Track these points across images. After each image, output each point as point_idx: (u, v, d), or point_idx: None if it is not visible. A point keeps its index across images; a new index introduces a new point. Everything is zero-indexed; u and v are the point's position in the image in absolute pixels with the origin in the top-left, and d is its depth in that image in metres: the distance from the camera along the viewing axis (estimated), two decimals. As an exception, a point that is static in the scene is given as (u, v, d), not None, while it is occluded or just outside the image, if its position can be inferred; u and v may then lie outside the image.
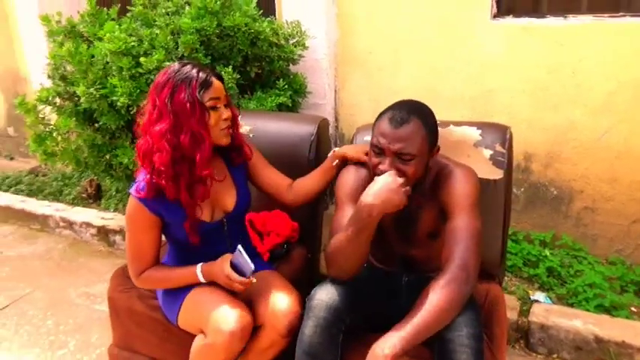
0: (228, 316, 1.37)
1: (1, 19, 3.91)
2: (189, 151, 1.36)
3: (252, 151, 1.64)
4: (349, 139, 2.88)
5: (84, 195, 3.43)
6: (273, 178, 1.69)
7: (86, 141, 2.39)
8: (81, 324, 2.23)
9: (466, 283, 1.24)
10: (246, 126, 2.00)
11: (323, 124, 2.00)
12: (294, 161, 1.91)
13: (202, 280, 1.48)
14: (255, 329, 1.44)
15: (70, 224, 3.03)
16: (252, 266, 1.40)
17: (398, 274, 1.55)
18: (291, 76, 2.54)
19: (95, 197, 3.42)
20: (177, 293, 1.54)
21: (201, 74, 1.38)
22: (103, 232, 2.90)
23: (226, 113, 1.44)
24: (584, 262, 2.30)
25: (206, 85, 1.37)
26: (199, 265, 1.48)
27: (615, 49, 2.20)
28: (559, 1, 2.35)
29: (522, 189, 2.51)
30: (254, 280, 1.43)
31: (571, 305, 2.06)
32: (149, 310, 1.70)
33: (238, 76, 2.22)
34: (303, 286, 1.60)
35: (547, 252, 2.35)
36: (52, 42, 2.44)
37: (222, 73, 2.17)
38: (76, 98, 2.41)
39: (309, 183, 1.67)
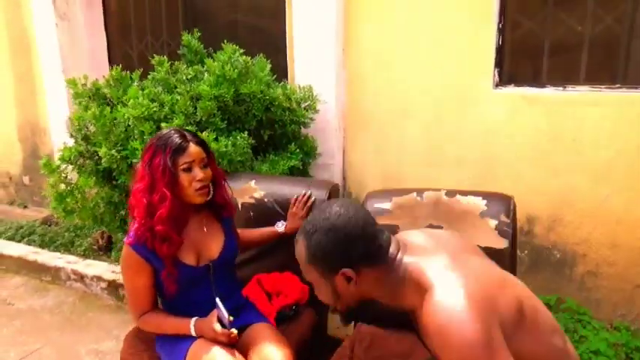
0: None
1: (26, 69, 4.09)
2: (157, 208, 1.54)
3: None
4: (355, 198, 2.98)
5: (95, 247, 3.50)
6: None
7: (104, 198, 2.48)
8: (90, 382, 2.26)
9: None
10: (260, 190, 2.10)
11: (334, 190, 2.09)
12: (305, 225, 1.99)
13: (193, 333, 1.60)
14: None
15: (81, 277, 3.08)
16: (229, 318, 1.53)
17: None
18: (302, 139, 2.65)
19: (106, 249, 3.48)
20: (179, 351, 1.61)
21: (177, 140, 1.57)
22: (113, 286, 2.95)
23: (200, 174, 1.58)
24: (588, 326, 2.32)
25: (180, 150, 1.56)
26: (193, 320, 1.61)
27: (612, 119, 2.31)
28: (558, 72, 2.49)
29: (526, 251, 2.57)
30: (235, 332, 1.55)
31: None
32: (162, 373, 1.74)
33: (253, 141, 2.33)
34: (311, 349, 1.66)
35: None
36: (78, 104, 2.57)
37: (238, 137, 2.29)
38: (97, 157, 2.52)
39: (253, 237, 1.96)
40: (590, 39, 2.39)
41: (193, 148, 1.59)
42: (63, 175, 2.44)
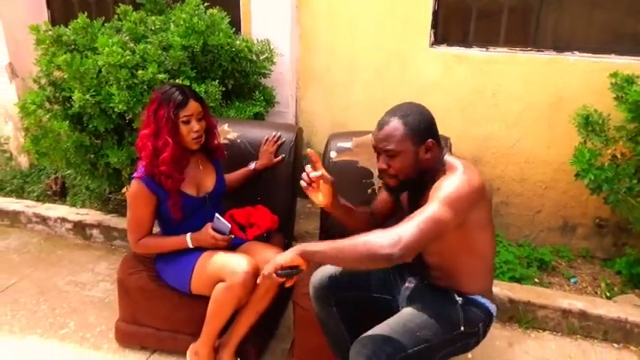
0: (240, 262, 1.82)
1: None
2: (161, 152, 1.83)
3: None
4: (308, 143, 3.31)
5: (48, 192, 3.56)
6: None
7: (75, 142, 2.61)
8: (75, 307, 2.46)
9: (390, 247, 1.27)
10: (234, 132, 2.36)
11: (300, 132, 2.41)
12: (276, 164, 2.31)
13: (191, 245, 1.93)
14: None
15: (43, 219, 3.18)
16: (229, 225, 1.88)
17: (402, 278, 1.73)
18: (262, 88, 2.91)
19: (60, 194, 3.56)
20: (185, 265, 1.93)
21: (180, 97, 1.85)
22: (80, 227, 3.10)
23: (197, 126, 1.89)
24: (500, 244, 2.87)
25: (182, 105, 1.84)
26: (189, 234, 1.93)
27: (524, 77, 2.79)
28: (482, 34, 2.91)
29: (453, 187, 3.06)
30: (232, 237, 1.92)
31: (491, 278, 2.62)
32: (160, 287, 2.02)
33: (223, 89, 2.56)
34: None
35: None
36: (42, 50, 2.62)
37: (210, 85, 2.51)
38: (66, 103, 2.63)
39: (232, 179, 2.24)
40: (509, 7, 2.82)
41: (192, 103, 1.88)
42: (38, 118, 2.53)
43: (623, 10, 2.68)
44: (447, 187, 1.40)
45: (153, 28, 2.62)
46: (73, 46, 2.67)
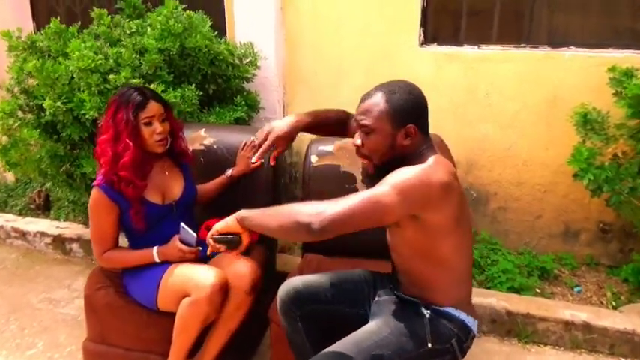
0: (206, 274, 1.68)
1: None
2: (121, 156, 1.71)
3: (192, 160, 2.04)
4: (296, 150, 3.18)
5: (32, 206, 3.46)
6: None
7: (48, 152, 2.50)
8: (46, 326, 2.34)
9: (311, 217, 1.22)
10: (210, 138, 2.24)
11: (279, 137, 2.28)
12: (254, 170, 2.17)
13: (157, 259, 1.79)
14: None
15: (22, 234, 3.07)
16: (195, 235, 1.73)
17: (375, 291, 1.60)
18: (246, 93, 2.79)
19: (44, 208, 3.46)
20: (151, 280, 1.79)
21: (138, 97, 1.73)
22: (59, 241, 2.98)
23: (160, 128, 1.76)
24: (499, 253, 2.72)
25: (141, 106, 1.74)
26: (155, 247, 1.80)
27: (519, 75, 2.65)
28: (474, 32, 2.79)
29: (448, 192, 2.91)
30: (200, 248, 1.77)
31: (488, 288, 2.46)
32: (128, 304, 1.88)
33: (201, 93, 2.44)
34: (263, 282, 1.87)
35: (469, 246, 2.75)
36: (14, 57, 2.53)
37: (186, 89, 2.39)
38: (38, 111, 2.52)
39: (208, 189, 2.12)
40: (501, 2, 2.70)
41: (153, 104, 1.76)
42: (6, 127, 2.42)
43: (621, 3, 2.55)
44: (401, 174, 1.29)
45: (128, 32, 2.51)
46: (47, 53, 2.57)
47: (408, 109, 1.37)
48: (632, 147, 2.18)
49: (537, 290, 2.49)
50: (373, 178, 1.45)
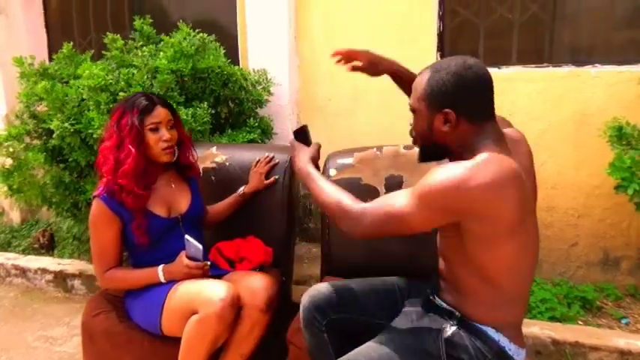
0: (217, 288, 1.49)
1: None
2: (122, 164, 1.57)
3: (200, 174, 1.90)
4: (311, 181, 3.05)
5: (36, 246, 3.31)
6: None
7: (53, 178, 2.40)
8: (40, 365, 2.13)
9: (349, 225, 1.23)
10: (222, 155, 2.12)
11: (295, 153, 2.15)
12: (269, 188, 2.03)
13: (162, 279, 1.61)
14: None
15: (23, 271, 2.91)
16: (201, 247, 1.55)
17: (407, 297, 1.46)
18: (259, 118, 2.71)
19: (48, 247, 3.31)
20: (155, 300, 1.61)
21: (144, 102, 1.61)
22: (60, 278, 2.81)
23: (167, 135, 1.63)
24: (533, 284, 2.49)
25: (147, 110, 1.61)
26: (161, 266, 1.62)
27: (543, 94, 2.55)
28: (493, 55, 2.72)
29: (473, 220, 2.73)
30: (208, 264, 1.61)
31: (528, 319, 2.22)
32: (128, 330, 1.69)
33: (213, 111, 2.35)
34: (278, 313, 1.68)
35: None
36: (26, 82, 2.48)
37: (197, 109, 2.31)
38: (45, 137, 2.45)
39: (220, 209, 1.97)
40: (520, 23, 2.65)
41: (160, 109, 1.64)
42: (10, 149, 2.33)
43: (644, 18, 2.48)
44: (433, 178, 1.13)
45: (141, 55, 2.47)
46: (58, 78, 2.52)
47: (445, 91, 1.18)
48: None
49: (580, 322, 2.24)
50: (420, 154, 1.34)
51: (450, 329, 1.23)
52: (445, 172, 1.12)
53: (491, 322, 1.22)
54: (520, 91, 2.59)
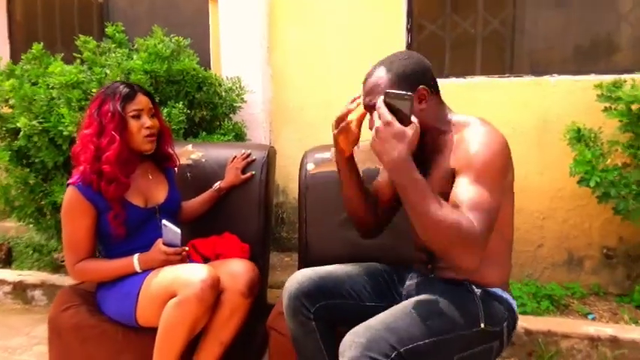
0: (197, 270, 1.46)
1: None
2: (105, 151, 1.54)
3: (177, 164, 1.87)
4: (282, 189, 3.06)
5: (-8, 260, 3.15)
6: None
7: (17, 179, 2.31)
8: (-2, 374, 1.99)
9: (481, 244, 1.08)
10: (198, 152, 2.11)
11: (272, 151, 2.17)
12: (245, 184, 2.02)
13: (138, 268, 1.56)
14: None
15: (-23, 284, 2.74)
16: (179, 231, 1.52)
17: (401, 278, 1.46)
18: (233, 123, 2.71)
19: (5, 262, 3.15)
20: (129, 289, 1.56)
21: (125, 89, 1.61)
22: (20, 289, 2.66)
23: (149, 122, 1.62)
24: (503, 284, 2.55)
25: (128, 97, 1.60)
26: (136, 255, 1.57)
27: (507, 102, 2.68)
28: (458, 66, 2.85)
29: (443, 225, 2.79)
30: (186, 249, 1.58)
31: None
32: (100, 323, 1.62)
33: (189, 112, 2.35)
34: (252, 313, 1.65)
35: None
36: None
37: (172, 108, 2.30)
38: (9, 138, 2.37)
39: (196, 205, 1.94)
40: (482, 37, 2.80)
41: (141, 96, 1.64)
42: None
43: (596, 33, 2.67)
44: (477, 154, 1.18)
45: (114, 57, 2.45)
46: (26, 78, 2.46)
47: (412, 72, 1.28)
48: (631, 156, 2.16)
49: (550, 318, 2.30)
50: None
51: (477, 291, 1.25)
52: (483, 143, 1.20)
53: (499, 283, 1.29)
54: (484, 100, 2.70)
